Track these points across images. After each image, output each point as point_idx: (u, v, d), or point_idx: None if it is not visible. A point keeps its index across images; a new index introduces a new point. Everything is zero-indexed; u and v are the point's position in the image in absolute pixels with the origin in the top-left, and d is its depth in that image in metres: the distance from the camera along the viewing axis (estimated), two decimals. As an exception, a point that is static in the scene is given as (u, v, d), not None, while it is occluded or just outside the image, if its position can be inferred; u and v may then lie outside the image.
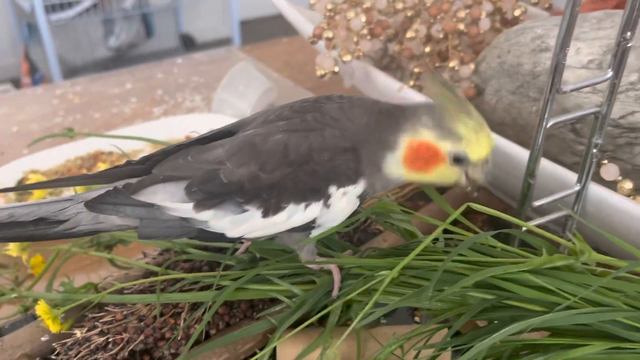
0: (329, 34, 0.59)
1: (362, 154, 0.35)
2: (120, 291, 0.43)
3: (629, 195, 0.42)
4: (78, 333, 0.39)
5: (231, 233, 0.36)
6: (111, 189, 0.36)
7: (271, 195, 0.35)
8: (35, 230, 0.36)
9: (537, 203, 0.41)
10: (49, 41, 2.04)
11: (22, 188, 0.54)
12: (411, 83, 0.65)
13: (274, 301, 0.43)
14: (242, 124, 0.39)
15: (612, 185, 0.43)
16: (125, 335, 0.39)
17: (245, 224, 0.36)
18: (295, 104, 0.38)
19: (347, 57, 0.60)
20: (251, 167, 0.34)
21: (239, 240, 0.38)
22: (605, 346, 0.32)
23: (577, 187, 0.42)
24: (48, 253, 0.47)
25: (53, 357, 0.40)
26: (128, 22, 2.44)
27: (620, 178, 0.43)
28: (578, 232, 0.45)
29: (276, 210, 0.35)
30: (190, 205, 0.35)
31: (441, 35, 0.62)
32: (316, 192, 0.35)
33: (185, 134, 0.73)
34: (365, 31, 0.60)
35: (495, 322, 0.36)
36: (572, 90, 0.37)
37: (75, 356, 0.39)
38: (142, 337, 0.40)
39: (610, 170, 0.43)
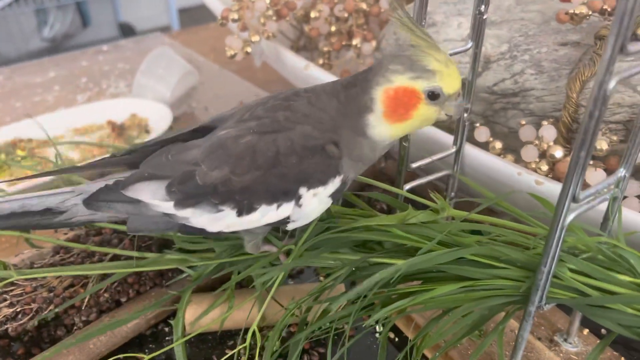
0: (234, 15, 0.61)
1: (342, 138, 0.36)
2: (30, 267, 0.45)
3: (499, 154, 0.47)
4: (-14, 306, 0.41)
5: (210, 229, 0.37)
6: (103, 186, 0.38)
7: (244, 197, 0.36)
8: (42, 220, 0.39)
9: (414, 165, 0.44)
10: (-22, 33, 1.98)
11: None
12: (320, 61, 0.68)
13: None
14: (222, 118, 0.40)
15: (486, 145, 0.48)
16: (34, 306, 0.42)
17: (222, 221, 0.37)
18: (269, 101, 0.38)
19: (256, 38, 0.63)
20: (223, 170, 0.35)
21: (220, 234, 0.39)
22: (459, 285, 0.36)
23: (454, 149, 0.46)
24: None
25: (-36, 331, 0.41)
26: (62, 11, 2.39)
27: (491, 139, 0.47)
28: (461, 189, 0.50)
29: (249, 210, 0.36)
30: (171, 203, 0.36)
31: (345, 15, 0.65)
32: (286, 193, 0.36)
33: (105, 119, 0.75)
34: (270, 12, 0.62)
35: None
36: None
37: (-14, 328, 0.41)
38: (51, 307, 0.42)
39: (482, 133, 0.47)
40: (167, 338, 0.45)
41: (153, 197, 0.37)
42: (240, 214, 0.36)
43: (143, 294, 0.46)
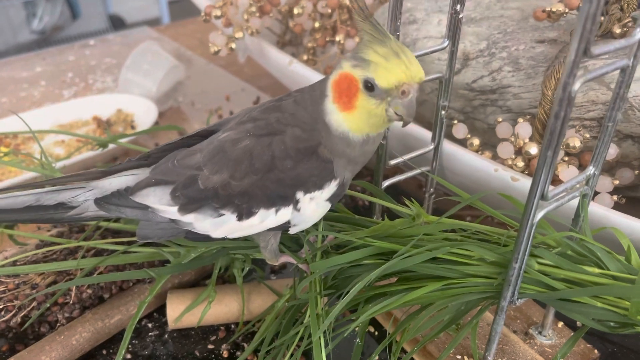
0: (217, 12, 0.61)
1: (322, 137, 0.36)
2: (13, 264, 0.45)
3: (477, 151, 0.48)
4: (-31, 303, 0.42)
5: (214, 234, 0.38)
6: (115, 191, 0.39)
7: (243, 201, 0.36)
8: (55, 214, 0.40)
9: (392, 162, 0.45)
10: (-35, 26, 1.96)
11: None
12: (305, 57, 0.68)
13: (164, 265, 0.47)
14: (224, 122, 0.40)
15: (464, 142, 0.48)
16: (17, 303, 0.42)
17: (224, 226, 0.37)
18: (265, 103, 0.39)
19: (239, 34, 0.63)
20: (223, 174, 0.36)
21: (224, 239, 0.39)
22: (434, 285, 0.37)
23: (432, 145, 0.47)
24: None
25: (-53, 328, 0.42)
26: (51, 3, 2.37)
27: (469, 136, 0.48)
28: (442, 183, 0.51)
29: (249, 214, 0.36)
30: (176, 208, 0.37)
31: (329, 11, 0.66)
32: (284, 198, 0.36)
33: (92, 114, 0.75)
34: (254, 9, 0.63)
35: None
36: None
37: (-31, 325, 0.41)
38: (34, 303, 0.43)
39: (460, 130, 0.48)
40: (150, 334, 0.46)
41: (159, 202, 0.38)
42: (240, 218, 0.37)
43: (126, 290, 0.47)
